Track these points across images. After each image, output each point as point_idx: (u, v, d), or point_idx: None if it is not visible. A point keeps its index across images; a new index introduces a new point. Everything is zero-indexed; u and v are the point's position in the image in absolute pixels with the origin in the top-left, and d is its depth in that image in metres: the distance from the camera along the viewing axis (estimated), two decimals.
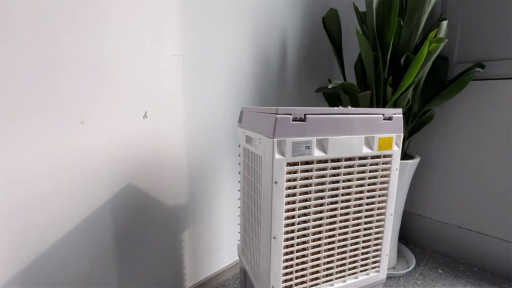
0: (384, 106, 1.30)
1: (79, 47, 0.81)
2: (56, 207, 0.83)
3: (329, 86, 1.25)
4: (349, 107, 0.72)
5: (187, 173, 1.14)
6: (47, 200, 0.81)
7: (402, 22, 1.30)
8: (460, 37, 1.52)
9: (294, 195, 0.71)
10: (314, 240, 0.77)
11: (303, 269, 0.77)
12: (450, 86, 1.36)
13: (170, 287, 1.16)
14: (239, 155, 0.92)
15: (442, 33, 1.31)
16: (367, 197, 0.81)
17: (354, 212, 0.81)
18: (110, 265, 0.96)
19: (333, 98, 1.66)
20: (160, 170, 1.05)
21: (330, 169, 0.74)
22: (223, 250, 1.35)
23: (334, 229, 0.79)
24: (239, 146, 0.93)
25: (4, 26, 0.69)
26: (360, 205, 0.81)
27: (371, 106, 1.33)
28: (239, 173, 0.96)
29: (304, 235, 0.75)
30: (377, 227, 0.85)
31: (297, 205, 0.72)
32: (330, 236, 0.79)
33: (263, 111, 0.73)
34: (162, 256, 1.12)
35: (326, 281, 0.81)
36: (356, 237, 0.82)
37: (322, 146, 0.72)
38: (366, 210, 0.82)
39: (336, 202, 0.77)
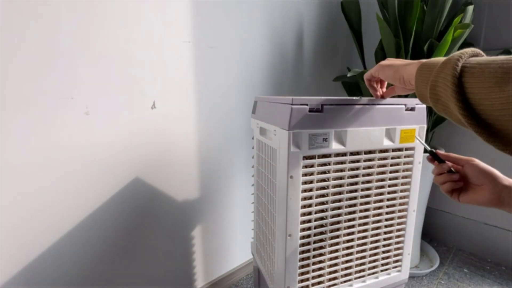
0: (406, 96, 1.25)
1: (83, 33, 0.79)
2: (59, 202, 0.81)
3: (348, 75, 1.21)
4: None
5: (198, 166, 1.12)
6: (50, 195, 0.79)
7: (425, 7, 1.25)
8: (486, 22, 1.46)
9: (310, 190, 0.68)
10: (331, 238, 0.74)
11: (320, 269, 0.74)
12: None
13: (180, 287, 1.15)
14: (253, 148, 0.90)
15: (467, 19, 1.27)
16: (388, 192, 0.78)
17: (375, 208, 0.77)
18: (116, 264, 0.95)
19: (353, 88, 1.62)
20: (169, 163, 1.03)
21: (349, 162, 0.71)
22: (236, 248, 1.33)
23: (353, 226, 0.75)
24: (252, 138, 0.90)
25: (4, 14, 0.67)
26: (380, 200, 0.77)
27: (392, 96, 1.27)
28: (252, 166, 0.93)
29: (321, 233, 0.72)
30: (398, 224, 0.82)
31: (314, 200, 0.69)
32: (348, 234, 0.76)
33: (278, 101, 0.70)
34: (172, 254, 1.10)
35: (345, 281, 0.78)
36: (377, 234, 0.79)
37: (341, 139, 0.69)
38: (387, 206, 0.79)
39: (355, 198, 0.74)
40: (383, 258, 0.82)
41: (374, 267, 0.82)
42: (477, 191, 0.58)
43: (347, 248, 0.76)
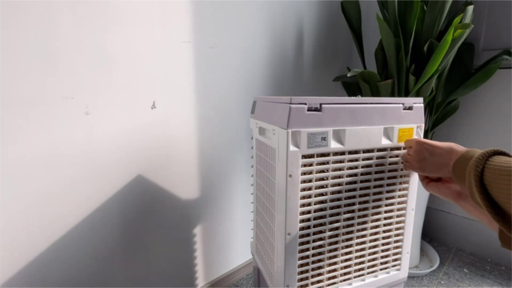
0: (406, 96, 1.26)
1: (83, 33, 0.79)
2: (60, 202, 0.81)
3: (348, 75, 1.21)
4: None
5: (198, 166, 1.12)
6: (50, 195, 0.79)
7: (425, 7, 1.25)
8: (486, 22, 1.45)
9: (309, 189, 0.68)
10: (331, 237, 0.73)
11: (319, 268, 0.74)
12: (476, 75, 1.30)
13: (181, 287, 1.15)
14: (252, 148, 0.90)
15: (467, 19, 1.26)
16: (387, 191, 0.78)
17: (373, 207, 0.77)
18: (116, 264, 0.95)
19: (352, 88, 1.62)
20: (169, 163, 1.03)
21: (348, 161, 0.71)
22: (236, 248, 1.33)
23: (352, 225, 0.75)
24: (252, 138, 0.90)
25: (4, 14, 0.67)
26: (379, 199, 0.77)
27: (392, 95, 1.28)
28: (252, 166, 0.93)
29: (320, 232, 0.72)
30: (397, 222, 0.82)
31: (313, 199, 0.69)
32: (348, 233, 0.75)
33: (276, 100, 0.71)
34: (172, 254, 1.10)
35: (344, 280, 0.78)
36: (376, 233, 0.79)
37: (339, 138, 0.69)
38: (386, 205, 0.79)
39: (354, 197, 0.74)
40: (382, 257, 0.82)
41: (373, 266, 0.81)
42: (441, 184, 0.68)
43: (346, 247, 0.76)
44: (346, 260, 0.77)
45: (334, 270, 0.77)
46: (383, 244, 0.81)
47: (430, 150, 0.66)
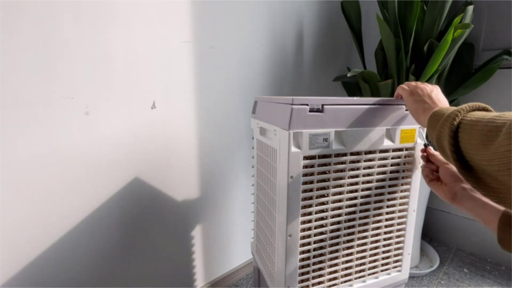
0: None
1: (83, 33, 0.79)
2: (60, 202, 0.81)
3: (348, 75, 1.21)
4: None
5: (198, 166, 1.12)
6: (50, 195, 0.79)
7: (425, 7, 1.25)
8: (486, 22, 1.45)
9: (311, 190, 0.68)
10: (332, 238, 0.73)
11: (320, 269, 0.74)
12: (476, 75, 1.30)
13: (181, 287, 1.15)
14: (253, 148, 0.89)
15: (467, 19, 1.26)
16: (389, 193, 0.78)
17: (375, 208, 0.77)
18: (116, 264, 0.95)
19: (352, 88, 1.62)
20: (170, 163, 1.03)
21: (349, 163, 0.71)
22: (236, 248, 1.33)
23: (353, 226, 0.75)
24: (252, 138, 0.90)
25: (4, 14, 0.67)
26: (381, 201, 0.77)
27: (392, 96, 1.27)
28: (252, 167, 0.92)
29: (322, 233, 0.72)
30: (399, 224, 0.81)
31: (314, 201, 0.69)
32: (349, 234, 0.75)
33: (278, 101, 0.70)
34: (172, 254, 1.10)
35: (345, 281, 0.78)
36: (377, 234, 0.79)
37: (341, 139, 0.68)
38: (388, 206, 0.79)
39: (355, 198, 0.73)
40: (383, 258, 0.82)
41: (374, 267, 0.81)
42: (441, 186, 0.67)
43: (347, 248, 0.76)
44: (347, 262, 0.77)
45: (335, 271, 0.76)
46: (384, 245, 0.81)
47: (421, 94, 0.64)
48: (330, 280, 0.76)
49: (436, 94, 0.64)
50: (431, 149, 0.72)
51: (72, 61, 0.78)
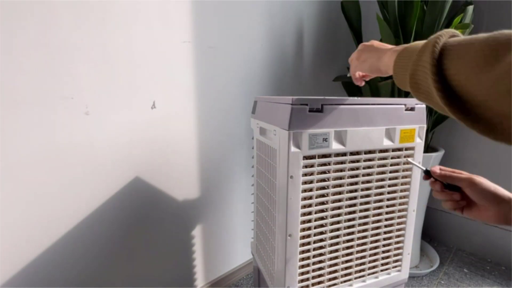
0: (406, 96, 1.26)
1: (83, 33, 0.79)
2: (59, 202, 0.81)
3: (348, 75, 1.20)
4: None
5: (198, 166, 1.12)
6: (50, 195, 0.79)
7: (425, 7, 1.24)
8: (486, 22, 1.45)
9: (310, 190, 0.68)
10: (331, 238, 0.73)
11: (320, 269, 0.74)
12: None
13: (181, 287, 1.15)
14: (253, 148, 0.89)
15: (467, 19, 1.26)
16: (388, 192, 0.78)
17: (374, 208, 0.77)
18: (116, 264, 0.95)
19: (353, 88, 1.62)
20: (169, 163, 1.03)
21: (349, 162, 0.71)
22: (236, 248, 1.33)
23: (353, 226, 0.75)
24: (252, 138, 0.90)
25: (4, 14, 0.67)
26: (380, 200, 0.77)
27: (392, 95, 1.28)
28: (252, 167, 0.92)
29: (321, 233, 0.72)
30: (398, 224, 0.82)
31: (314, 200, 0.69)
32: (348, 234, 0.75)
33: (277, 101, 0.70)
34: (172, 254, 1.10)
35: (345, 281, 0.78)
36: (377, 234, 0.79)
37: (341, 139, 0.69)
38: (387, 206, 0.79)
39: (355, 198, 0.74)
40: (383, 258, 0.82)
41: (374, 267, 0.81)
42: (482, 211, 0.55)
43: (347, 248, 0.76)
44: (347, 261, 0.77)
45: (335, 271, 0.76)
46: (384, 245, 0.81)
47: (369, 47, 0.60)
48: (330, 279, 0.76)
49: (380, 43, 0.59)
50: (436, 171, 0.59)
51: (72, 61, 0.78)
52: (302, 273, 0.72)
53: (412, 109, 0.75)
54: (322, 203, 0.70)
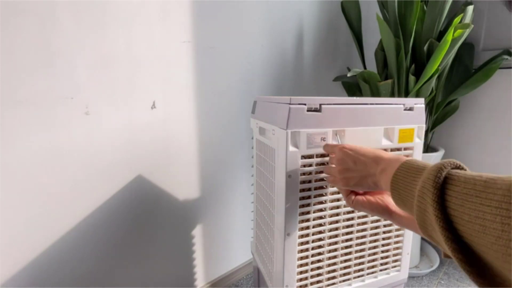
0: (406, 96, 1.26)
1: (83, 33, 0.79)
2: (59, 202, 0.81)
3: (348, 75, 1.21)
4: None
5: (198, 166, 1.12)
6: (50, 195, 0.79)
7: (425, 7, 1.24)
8: (486, 23, 1.46)
9: (309, 189, 0.68)
10: (330, 237, 0.73)
11: (319, 268, 0.74)
12: (476, 75, 1.30)
13: (181, 287, 1.15)
14: (252, 148, 0.89)
15: (467, 19, 1.26)
16: None
17: None
18: (116, 264, 0.95)
19: (353, 88, 1.62)
20: (169, 163, 1.03)
21: None
22: (236, 248, 1.33)
23: (351, 225, 0.75)
24: (252, 138, 0.90)
25: (4, 14, 0.67)
26: None
27: (392, 95, 1.28)
28: (252, 166, 0.93)
29: (320, 232, 0.72)
30: None
31: (312, 200, 0.69)
32: (347, 233, 0.75)
33: (276, 101, 0.70)
34: (172, 254, 1.10)
35: (344, 281, 0.78)
36: (375, 234, 0.79)
37: (339, 138, 0.68)
38: None
39: None
40: (382, 258, 0.82)
41: (373, 267, 0.81)
42: (374, 196, 0.59)
43: (346, 247, 0.76)
44: (345, 261, 0.77)
45: (334, 270, 0.76)
46: (383, 245, 0.80)
47: (354, 158, 0.56)
48: (328, 279, 0.76)
49: (362, 148, 0.56)
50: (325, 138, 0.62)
51: (72, 61, 0.78)
52: (301, 272, 0.72)
53: (411, 109, 0.75)
54: (321, 202, 0.70)
